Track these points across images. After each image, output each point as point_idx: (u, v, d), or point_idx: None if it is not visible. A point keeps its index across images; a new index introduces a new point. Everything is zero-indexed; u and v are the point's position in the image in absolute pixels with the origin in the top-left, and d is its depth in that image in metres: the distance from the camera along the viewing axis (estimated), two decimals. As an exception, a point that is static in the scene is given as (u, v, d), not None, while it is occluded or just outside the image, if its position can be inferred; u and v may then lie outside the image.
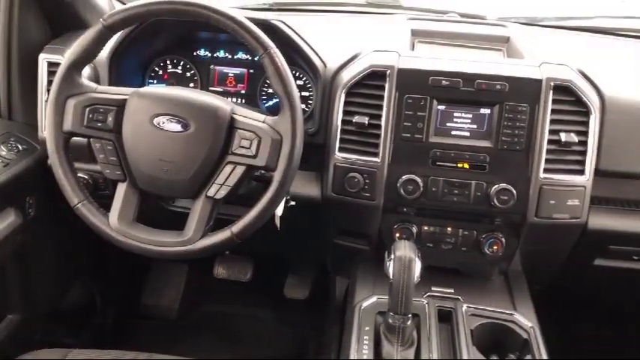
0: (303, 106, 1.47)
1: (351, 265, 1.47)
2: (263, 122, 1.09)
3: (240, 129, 1.09)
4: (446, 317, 1.25)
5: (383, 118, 1.27)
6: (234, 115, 1.10)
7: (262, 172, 1.17)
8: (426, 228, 1.34)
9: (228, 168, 1.10)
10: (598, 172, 1.28)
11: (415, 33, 1.51)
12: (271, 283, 2.21)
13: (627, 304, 1.89)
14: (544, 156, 1.23)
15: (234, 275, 2.18)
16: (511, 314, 1.26)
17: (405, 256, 1.07)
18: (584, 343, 2.01)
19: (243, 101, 1.52)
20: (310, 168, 1.38)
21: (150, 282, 2.22)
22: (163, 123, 1.10)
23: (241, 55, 1.52)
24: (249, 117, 1.11)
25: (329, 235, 1.47)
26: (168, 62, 1.55)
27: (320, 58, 1.38)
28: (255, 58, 1.10)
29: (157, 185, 1.13)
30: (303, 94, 1.47)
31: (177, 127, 1.09)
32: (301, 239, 1.66)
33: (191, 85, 1.54)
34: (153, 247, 1.13)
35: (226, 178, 1.10)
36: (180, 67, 1.54)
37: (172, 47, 1.54)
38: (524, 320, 1.24)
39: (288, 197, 1.29)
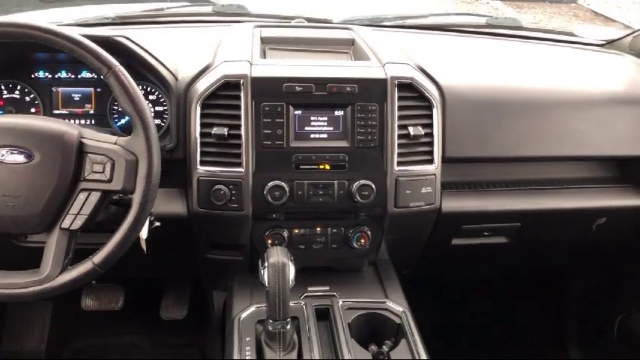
0: (159, 121, 1.42)
1: (227, 278, 1.45)
2: (115, 144, 1.05)
3: (91, 153, 1.04)
4: (324, 315, 1.28)
5: (242, 128, 1.27)
6: (83, 139, 1.04)
7: (121, 195, 1.12)
8: (296, 231, 1.37)
9: (82, 196, 1.04)
10: (445, 160, 1.38)
11: (265, 40, 1.53)
12: (146, 307, 2.12)
13: (486, 276, 2.08)
14: (396, 150, 1.31)
15: (104, 305, 2.05)
16: (383, 302, 1.33)
17: (278, 262, 1.08)
18: (454, 317, 2.18)
19: (93, 122, 1.44)
20: (173, 185, 1.35)
21: (8, 326, 2.03)
22: (3, 155, 1.01)
23: (86, 74, 1.44)
24: (99, 139, 1.05)
25: (200, 251, 1.44)
26: (2, 87, 1.42)
27: (170, 71, 1.35)
28: (102, 77, 1.05)
29: (2, 223, 1.04)
30: (157, 109, 1.43)
31: (20, 159, 1.01)
32: (172, 259, 1.61)
33: (32, 110, 1.42)
34: (5, 291, 1.03)
35: (81, 207, 1.04)
36: (17, 92, 1.42)
37: (6, 70, 1.41)
38: (396, 306, 1.31)
39: (152, 218, 1.24)
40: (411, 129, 1.31)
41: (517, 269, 2.00)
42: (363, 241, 1.38)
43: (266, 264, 1.10)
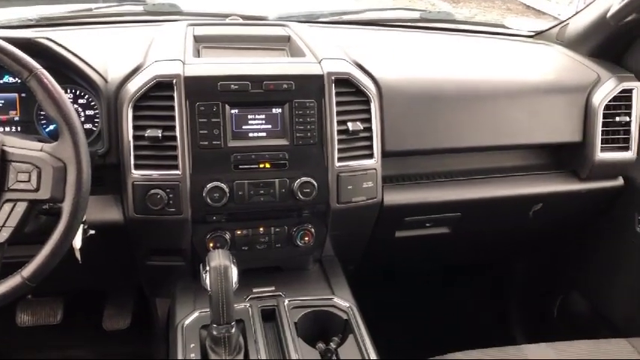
0: (90, 125, 1.37)
1: (170, 284, 1.41)
2: (40, 151, 1.00)
3: (15, 162, 0.99)
4: (270, 316, 1.27)
5: (177, 129, 1.23)
6: (5, 147, 0.99)
7: (50, 204, 1.07)
8: (239, 232, 1.35)
9: (7, 207, 0.98)
10: (385, 154, 1.39)
11: (199, 39, 1.49)
12: (87, 318, 2.04)
13: (431, 266, 2.12)
14: (336, 146, 1.30)
15: (41, 320, 1.95)
16: (330, 299, 1.32)
17: (220, 266, 1.06)
18: (402, 309, 2.20)
19: (19, 129, 1.37)
20: (107, 191, 1.30)
21: None
22: None
23: (8, 79, 1.36)
24: (23, 147, 1.00)
25: (140, 258, 1.40)
26: None
27: (98, 73, 1.30)
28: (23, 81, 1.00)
29: None
30: (88, 112, 1.37)
31: None
32: (111, 267, 1.56)
33: None
34: None
35: (6, 219, 0.98)
36: None
37: None
38: (342, 302, 1.31)
39: (86, 226, 1.19)
40: (349, 124, 1.31)
41: (460, 258, 2.04)
42: (307, 238, 1.37)
43: (207, 268, 1.07)
